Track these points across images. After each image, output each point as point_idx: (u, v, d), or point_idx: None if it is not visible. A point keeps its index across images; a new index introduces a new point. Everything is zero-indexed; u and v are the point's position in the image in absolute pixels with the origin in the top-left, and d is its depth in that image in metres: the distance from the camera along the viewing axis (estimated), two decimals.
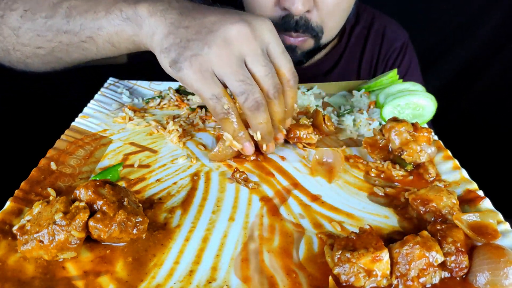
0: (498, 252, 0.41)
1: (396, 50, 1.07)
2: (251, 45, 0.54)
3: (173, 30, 0.56)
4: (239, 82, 0.54)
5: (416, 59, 1.11)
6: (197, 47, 0.54)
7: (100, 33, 0.62)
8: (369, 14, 1.09)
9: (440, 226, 0.44)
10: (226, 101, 0.55)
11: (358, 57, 1.06)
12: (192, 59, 0.54)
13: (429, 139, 0.58)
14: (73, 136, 0.63)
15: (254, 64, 0.55)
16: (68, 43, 0.65)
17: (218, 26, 0.54)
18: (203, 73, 0.54)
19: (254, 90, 0.54)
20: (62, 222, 0.41)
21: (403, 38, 1.09)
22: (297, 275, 0.42)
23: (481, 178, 0.58)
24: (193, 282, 0.41)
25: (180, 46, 0.54)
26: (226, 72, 0.54)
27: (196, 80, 0.54)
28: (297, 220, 0.49)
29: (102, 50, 0.65)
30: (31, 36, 0.66)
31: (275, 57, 0.57)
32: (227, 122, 0.56)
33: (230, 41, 0.54)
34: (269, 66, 0.56)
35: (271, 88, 0.56)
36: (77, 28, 0.63)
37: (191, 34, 0.55)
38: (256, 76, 0.55)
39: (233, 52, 0.54)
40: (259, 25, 0.56)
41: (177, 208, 0.51)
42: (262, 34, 0.56)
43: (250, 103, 0.54)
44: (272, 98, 0.56)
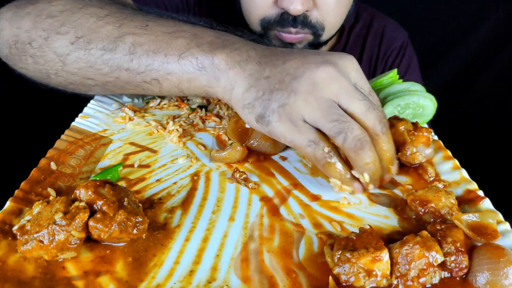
0: (498, 252, 0.41)
1: (395, 50, 1.07)
2: (342, 84, 0.49)
3: (253, 83, 0.51)
4: (333, 123, 0.48)
5: (416, 59, 1.11)
6: (283, 97, 0.49)
7: (168, 77, 0.56)
8: (368, 14, 1.09)
9: (439, 226, 0.44)
10: (324, 143, 0.49)
11: (358, 57, 1.06)
12: (279, 111, 0.49)
13: (428, 139, 0.58)
14: (73, 136, 0.63)
15: (350, 101, 0.49)
16: (127, 81, 0.59)
17: (302, 71, 0.50)
18: (294, 122, 0.49)
19: (352, 126, 0.48)
20: (62, 222, 0.41)
21: (403, 38, 1.09)
22: (297, 275, 0.42)
23: (481, 178, 0.58)
24: (193, 282, 0.41)
25: (264, 99, 0.50)
26: (317, 116, 0.49)
27: (288, 131, 0.50)
28: (297, 220, 0.49)
29: (166, 92, 0.59)
30: (81, 66, 0.59)
31: (365, 95, 0.52)
32: (330, 166, 0.50)
33: (317, 84, 0.49)
34: (367, 100, 0.50)
35: (376, 123, 0.50)
36: (142, 68, 0.57)
37: (274, 84, 0.50)
38: (356, 114, 0.49)
39: (323, 95, 0.49)
40: (345, 64, 0.51)
41: (177, 208, 0.51)
42: (349, 73, 0.51)
43: (351, 142, 0.48)
44: (379, 134, 0.50)
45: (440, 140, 0.64)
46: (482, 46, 1.54)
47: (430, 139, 0.58)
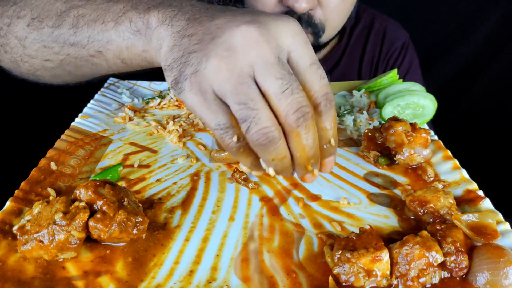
0: (498, 252, 0.41)
1: (396, 50, 1.07)
2: (260, 52, 0.40)
3: (177, 41, 0.45)
4: (239, 105, 0.40)
5: (416, 59, 1.11)
6: (197, 61, 0.42)
7: (109, 47, 0.53)
8: (369, 14, 1.09)
9: (439, 226, 0.44)
10: (235, 131, 0.41)
11: (359, 57, 1.07)
12: (192, 78, 0.42)
13: (426, 140, 0.58)
14: (73, 136, 0.63)
15: (264, 78, 0.40)
16: (76, 56, 0.57)
17: (222, 31, 0.41)
18: (204, 95, 0.41)
19: (258, 117, 0.39)
20: (62, 222, 0.41)
21: (404, 38, 1.09)
22: (297, 275, 0.42)
23: (481, 178, 0.58)
24: (193, 282, 0.41)
25: (181, 62, 0.43)
26: (226, 90, 0.40)
27: (197, 104, 0.42)
28: (297, 220, 0.49)
29: (113, 66, 0.56)
30: (38, 47, 0.60)
31: (300, 71, 0.42)
32: (239, 155, 0.43)
33: (234, 48, 0.40)
34: (288, 78, 0.40)
35: (290, 111, 0.40)
36: (84, 40, 0.54)
37: (193, 44, 0.43)
38: (268, 94, 0.40)
39: (236, 64, 0.40)
40: (277, 26, 0.41)
41: (177, 208, 0.51)
42: (279, 38, 0.41)
43: (254, 135, 0.40)
44: (293, 127, 0.40)
45: (440, 140, 0.64)
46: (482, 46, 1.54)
47: (428, 140, 0.58)
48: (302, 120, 0.40)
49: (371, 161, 0.61)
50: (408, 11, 1.40)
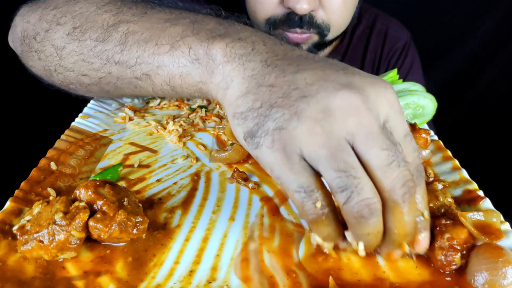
0: (497, 252, 0.41)
1: (398, 50, 1.07)
2: (364, 120, 0.37)
3: (253, 88, 0.41)
4: (338, 173, 0.36)
5: (418, 59, 1.11)
6: (283, 118, 0.38)
7: (159, 72, 0.48)
8: (371, 14, 1.09)
9: (445, 221, 0.43)
10: (319, 196, 0.38)
11: (361, 57, 1.07)
12: (274, 134, 0.38)
13: (426, 140, 0.58)
14: (73, 136, 0.63)
15: (367, 147, 0.36)
16: (118, 76, 0.52)
17: (316, 89, 0.38)
18: (289, 155, 0.37)
19: (361, 186, 0.36)
20: (62, 222, 0.41)
21: (405, 38, 1.09)
22: (297, 275, 0.42)
23: (481, 178, 0.58)
24: (193, 282, 0.41)
25: (260, 114, 0.39)
26: (321, 156, 0.36)
27: (277, 164, 0.38)
28: (297, 220, 0.49)
29: (159, 92, 0.51)
30: (75, 60, 0.54)
31: (395, 141, 0.38)
32: (317, 225, 0.39)
33: (331, 112, 0.37)
34: (394, 150, 0.37)
35: (397, 186, 0.37)
36: (132, 61, 0.50)
37: (277, 97, 0.39)
38: (371, 167, 0.37)
39: (334, 129, 0.36)
40: (375, 93, 0.38)
41: (177, 208, 0.51)
42: (379, 107, 0.38)
43: (355, 207, 0.36)
44: (397, 201, 0.37)
45: (440, 140, 0.64)
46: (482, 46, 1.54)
47: (428, 141, 0.58)
48: (407, 196, 0.37)
49: None
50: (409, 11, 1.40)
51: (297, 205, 0.39)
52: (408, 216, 0.38)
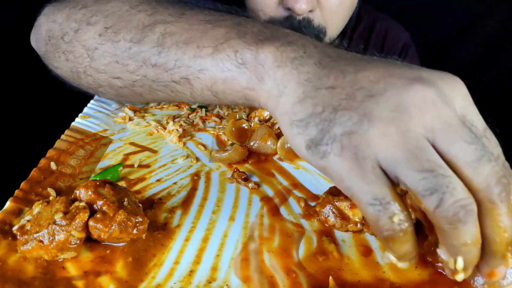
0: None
1: (398, 51, 1.07)
2: (442, 115, 0.33)
3: (310, 92, 0.37)
4: (422, 174, 0.32)
5: (417, 60, 1.11)
6: (351, 121, 0.34)
7: (200, 76, 0.45)
8: (371, 14, 1.09)
9: None
10: (397, 209, 0.33)
11: None
12: (343, 140, 0.34)
13: None
14: (73, 136, 0.63)
15: (450, 141, 0.33)
16: (154, 79, 0.49)
17: (384, 87, 0.35)
18: (361, 162, 0.34)
19: (454, 186, 0.32)
20: (62, 222, 0.41)
21: (405, 39, 1.09)
22: (297, 275, 0.42)
23: None
24: (193, 282, 0.41)
25: (323, 119, 0.35)
26: (400, 158, 0.32)
27: (349, 173, 0.34)
28: (297, 220, 0.49)
29: (198, 97, 0.47)
30: (108, 62, 0.51)
31: (478, 135, 0.35)
32: (395, 242, 0.34)
33: (405, 110, 0.33)
34: (480, 144, 0.33)
35: (492, 183, 0.32)
36: (170, 63, 0.46)
37: (340, 99, 0.35)
38: (459, 164, 0.32)
39: (411, 127, 0.33)
40: (448, 86, 0.35)
41: (177, 208, 0.51)
42: (454, 101, 0.34)
43: (450, 209, 0.31)
44: (495, 201, 0.32)
45: None
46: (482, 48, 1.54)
47: None
48: (504, 194, 0.32)
49: None
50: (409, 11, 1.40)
51: (370, 219, 0.34)
52: (508, 220, 0.33)
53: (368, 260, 0.44)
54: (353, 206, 0.46)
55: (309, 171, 0.59)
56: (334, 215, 0.47)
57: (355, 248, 0.45)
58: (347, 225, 0.47)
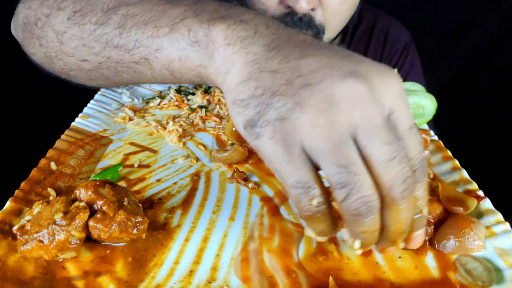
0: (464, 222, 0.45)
1: (399, 51, 1.07)
2: (367, 113, 0.35)
3: (255, 74, 0.38)
4: (338, 168, 0.35)
5: (418, 59, 1.11)
6: (285, 108, 0.36)
7: (158, 55, 0.46)
8: (371, 14, 1.09)
9: None
10: (317, 193, 0.37)
11: None
12: (276, 125, 0.36)
13: (425, 141, 0.58)
14: (73, 136, 0.63)
15: (370, 141, 0.35)
16: (117, 60, 0.51)
17: (320, 77, 0.36)
18: (289, 147, 0.36)
19: (361, 184, 0.35)
20: (62, 222, 0.41)
21: (406, 38, 1.09)
22: (297, 275, 0.42)
23: (481, 178, 0.58)
24: (193, 282, 0.41)
25: (261, 102, 0.37)
26: (322, 149, 0.35)
27: (276, 156, 0.37)
28: (297, 220, 0.49)
29: (159, 77, 0.49)
30: (76, 45, 0.53)
31: (399, 134, 0.36)
32: (312, 221, 0.38)
33: (335, 103, 0.35)
34: (396, 145, 0.35)
35: (397, 183, 0.35)
36: (130, 44, 0.48)
37: (279, 84, 0.37)
38: (371, 160, 0.35)
39: (337, 121, 0.35)
40: (382, 83, 0.36)
41: (177, 208, 0.51)
42: (384, 96, 0.36)
43: (353, 204, 0.35)
44: (396, 200, 0.36)
45: (440, 140, 0.64)
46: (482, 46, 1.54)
47: (428, 141, 0.58)
48: (407, 193, 0.36)
49: None
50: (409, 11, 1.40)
51: (293, 200, 0.38)
52: (405, 214, 0.37)
53: (368, 260, 0.44)
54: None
55: None
56: None
57: None
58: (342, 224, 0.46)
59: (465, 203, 0.48)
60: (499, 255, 0.44)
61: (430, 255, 0.44)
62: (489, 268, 0.42)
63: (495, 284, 0.41)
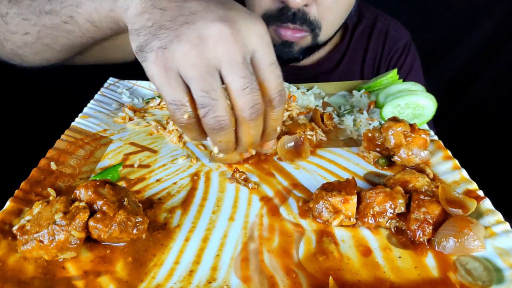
0: (463, 223, 0.45)
1: (399, 50, 1.07)
2: (229, 50, 0.44)
3: (148, 8, 0.47)
4: (202, 92, 0.44)
5: (418, 59, 1.11)
6: (167, 38, 0.45)
7: (79, 10, 0.56)
8: (371, 13, 1.09)
9: (422, 196, 0.48)
10: (187, 109, 0.46)
11: (361, 56, 1.06)
12: (158, 52, 0.45)
13: (425, 141, 0.58)
14: (73, 136, 0.63)
15: (229, 73, 0.45)
16: (51, 25, 0.60)
17: (196, 18, 0.45)
18: (167, 71, 0.45)
19: (217, 106, 0.45)
20: (62, 222, 0.41)
21: (406, 37, 1.09)
22: (297, 275, 0.42)
23: (481, 178, 0.58)
24: (193, 282, 0.41)
25: (150, 32, 0.46)
26: (192, 76, 0.44)
27: (158, 77, 0.46)
28: (297, 220, 0.49)
29: (86, 32, 0.58)
30: (18, 22, 0.63)
31: (260, 69, 0.46)
32: (185, 130, 0.48)
33: (205, 40, 0.44)
34: (249, 78, 0.45)
35: (246, 107, 0.46)
36: (57, 6, 0.58)
37: (165, 20, 0.46)
38: (229, 89, 0.45)
39: (206, 55, 0.44)
40: (246, 27, 0.45)
41: (177, 208, 0.51)
42: (247, 39, 0.45)
43: (210, 120, 0.45)
44: (245, 119, 0.46)
45: (440, 140, 0.64)
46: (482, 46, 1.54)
47: (427, 141, 0.58)
48: (255, 115, 0.46)
49: (370, 162, 0.61)
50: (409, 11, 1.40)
51: (170, 113, 0.47)
52: (253, 131, 0.48)
53: (368, 260, 0.44)
54: (346, 201, 0.47)
55: (309, 171, 0.59)
56: (327, 210, 0.48)
57: (355, 248, 0.45)
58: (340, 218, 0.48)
59: (464, 205, 0.48)
60: (499, 255, 0.44)
61: (430, 256, 0.44)
62: (489, 268, 0.42)
63: (495, 284, 0.41)
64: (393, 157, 0.59)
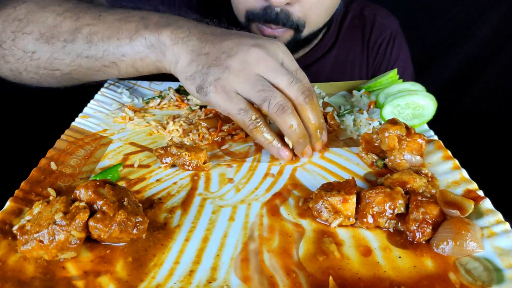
0: (460, 224, 0.45)
1: (386, 39, 1.07)
2: (268, 62, 0.57)
3: (194, 58, 0.59)
4: (259, 92, 0.56)
5: (406, 48, 1.11)
6: (218, 72, 0.57)
7: (123, 59, 0.64)
8: (358, 4, 1.09)
9: (421, 198, 0.48)
10: (252, 112, 0.57)
11: (350, 46, 1.06)
12: (215, 83, 0.57)
13: (420, 146, 0.57)
14: (73, 136, 0.63)
15: (275, 77, 0.57)
16: (88, 67, 0.66)
17: (236, 50, 0.58)
18: (228, 93, 0.57)
19: (274, 94, 0.56)
20: (62, 222, 0.41)
21: (393, 25, 1.09)
22: (297, 275, 0.42)
23: (481, 178, 0.58)
24: (193, 282, 0.41)
25: (203, 73, 0.58)
26: (247, 88, 0.56)
27: (222, 100, 0.57)
28: (297, 220, 0.49)
29: (124, 74, 0.66)
30: (47, 58, 0.66)
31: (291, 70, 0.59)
32: (257, 132, 0.58)
33: (247, 63, 0.57)
34: (291, 74, 0.58)
35: (299, 94, 0.57)
36: (99, 54, 0.64)
37: (212, 60, 0.58)
38: (280, 87, 0.57)
39: (252, 71, 0.57)
40: (272, 47, 0.59)
41: (177, 208, 0.51)
42: (276, 54, 0.58)
43: (274, 108, 0.56)
44: (302, 103, 0.57)
45: (440, 140, 0.64)
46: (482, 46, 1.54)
47: (422, 147, 0.58)
48: (308, 99, 0.58)
49: (367, 163, 0.60)
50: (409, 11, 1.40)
51: (240, 122, 0.58)
52: (312, 112, 0.59)
53: (368, 260, 0.44)
54: (345, 201, 0.47)
55: (309, 171, 0.59)
56: (326, 210, 0.48)
57: (355, 248, 0.45)
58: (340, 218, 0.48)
59: (462, 206, 0.48)
60: (499, 255, 0.44)
61: (430, 256, 0.44)
62: (489, 268, 0.42)
63: (495, 284, 0.41)
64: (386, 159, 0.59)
